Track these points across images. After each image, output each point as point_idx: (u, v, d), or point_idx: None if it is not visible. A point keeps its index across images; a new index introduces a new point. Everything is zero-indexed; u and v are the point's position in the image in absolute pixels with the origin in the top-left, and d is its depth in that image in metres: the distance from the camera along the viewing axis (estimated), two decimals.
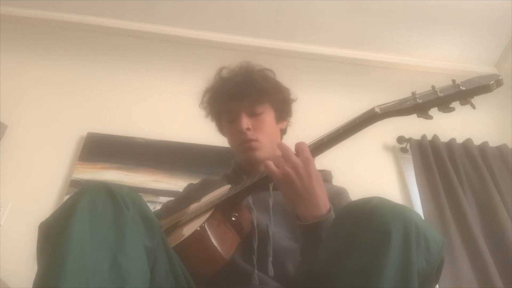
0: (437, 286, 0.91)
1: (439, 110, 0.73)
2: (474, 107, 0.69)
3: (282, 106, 1.18)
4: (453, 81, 0.72)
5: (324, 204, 0.82)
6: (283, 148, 0.86)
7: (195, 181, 1.30)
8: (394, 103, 0.79)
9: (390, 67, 2.70)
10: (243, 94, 1.09)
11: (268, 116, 1.12)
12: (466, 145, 2.30)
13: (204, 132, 2.05)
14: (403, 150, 2.28)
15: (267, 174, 0.85)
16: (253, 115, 1.09)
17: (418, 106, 0.74)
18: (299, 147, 0.85)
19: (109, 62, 2.44)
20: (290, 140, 1.14)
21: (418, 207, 2.05)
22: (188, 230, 0.89)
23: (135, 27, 2.53)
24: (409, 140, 2.27)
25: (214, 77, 1.20)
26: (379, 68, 2.69)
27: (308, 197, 0.81)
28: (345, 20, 2.51)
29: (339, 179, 1.20)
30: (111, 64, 2.43)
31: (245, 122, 1.07)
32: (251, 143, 1.06)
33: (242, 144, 1.07)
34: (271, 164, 0.83)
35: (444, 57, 2.70)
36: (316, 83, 2.49)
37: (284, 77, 1.21)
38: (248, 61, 1.18)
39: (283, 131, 1.22)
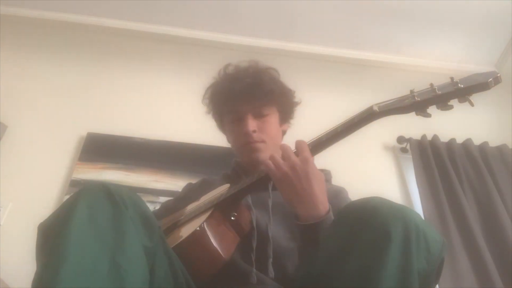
0: (437, 286, 0.91)
1: (437, 108, 0.73)
2: (472, 105, 0.69)
3: (287, 109, 1.18)
4: (451, 78, 0.71)
5: (323, 205, 0.81)
6: (283, 148, 0.86)
7: (195, 181, 1.29)
8: (392, 101, 0.79)
9: (390, 67, 2.70)
10: (252, 95, 1.07)
11: (273, 118, 1.12)
12: (466, 145, 2.30)
13: (204, 132, 2.06)
14: (403, 150, 2.28)
15: (266, 173, 0.85)
16: (259, 116, 1.08)
17: (417, 104, 0.74)
18: (298, 146, 0.85)
19: (109, 62, 2.44)
20: (289, 140, 1.14)
21: (418, 207, 2.05)
22: (187, 230, 0.89)
23: (135, 27, 2.53)
24: (409, 140, 2.27)
25: (219, 73, 1.17)
26: (379, 68, 2.69)
27: (307, 198, 0.80)
28: (345, 20, 2.51)
29: (339, 179, 1.20)
30: (111, 64, 2.43)
31: (251, 124, 1.05)
32: (256, 144, 1.05)
33: (247, 145, 1.06)
34: (270, 163, 0.83)
35: (444, 57, 2.69)
36: (316, 83, 2.49)
37: (284, 77, 1.21)
38: (256, 61, 1.15)
39: (283, 133, 1.21)
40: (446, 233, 1.92)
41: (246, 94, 1.07)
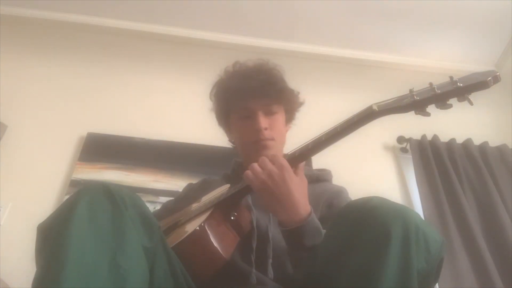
0: (436, 286, 0.91)
1: (436, 107, 0.73)
2: (471, 104, 0.68)
3: (293, 109, 1.18)
4: (451, 77, 0.71)
5: (304, 209, 0.82)
6: (259, 159, 0.87)
7: (195, 181, 1.30)
8: (391, 100, 0.79)
9: (390, 67, 2.70)
10: (265, 92, 1.07)
11: (281, 117, 1.12)
12: (466, 145, 2.30)
13: (204, 132, 2.07)
14: (403, 150, 2.29)
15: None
16: (269, 114, 1.08)
17: (416, 103, 0.73)
18: (272, 157, 0.86)
19: (109, 62, 2.44)
20: (290, 140, 1.15)
21: (418, 207, 2.05)
22: (187, 229, 0.89)
23: (135, 27, 2.53)
24: (409, 140, 2.27)
25: (226, 70, 1.17)
26: (379, 68, 2.69)
27: (287, 203, 0.82)
28: (345, 20, 2.51)
29: (339, 179, 1.20)
30: (111, 64, 2.43)
31: (263, 121, 1.05)
32: (266, 141, 1.05)
33: (257, 143, 1.05)
34: (249, 173, 0.85)
35: (444, 57, 2.70)
36: (316, 83, 2.49)
37: (285, 77, 1.21)
38: (264, 59, 1.15)
39: None
40: (446, 233, 1.92)
41: (259, 91, 1.07)
